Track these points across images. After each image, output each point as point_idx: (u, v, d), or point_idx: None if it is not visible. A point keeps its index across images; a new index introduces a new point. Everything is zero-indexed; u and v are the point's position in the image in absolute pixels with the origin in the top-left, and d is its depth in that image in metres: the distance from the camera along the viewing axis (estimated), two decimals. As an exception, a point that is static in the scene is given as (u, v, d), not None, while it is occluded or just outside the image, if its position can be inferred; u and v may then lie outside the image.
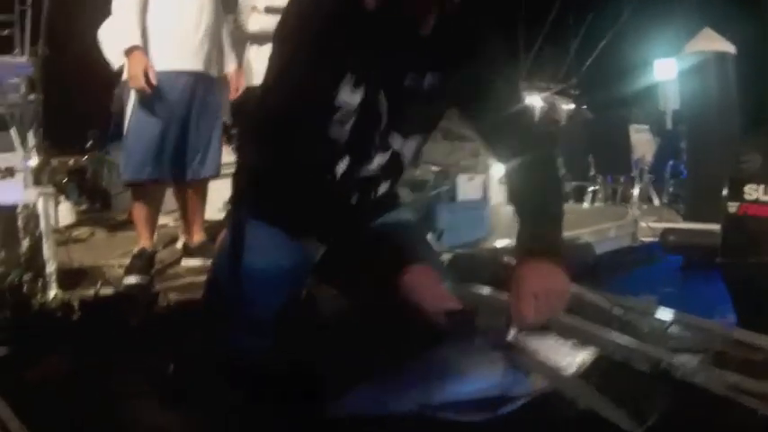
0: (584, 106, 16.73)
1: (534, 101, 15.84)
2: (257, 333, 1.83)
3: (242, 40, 4.97)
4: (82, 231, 6.84)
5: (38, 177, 9.26)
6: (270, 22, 4.84)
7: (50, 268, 3.44)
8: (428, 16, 1.76)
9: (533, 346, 1.61)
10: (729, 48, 7.92)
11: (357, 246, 1.81)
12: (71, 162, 20.97)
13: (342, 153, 1.88)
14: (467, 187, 4.92)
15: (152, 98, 3.96)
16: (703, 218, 6.35)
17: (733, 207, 4.57)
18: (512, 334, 1.61)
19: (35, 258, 3.41)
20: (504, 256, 3.58)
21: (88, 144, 18.60)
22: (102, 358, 2.04)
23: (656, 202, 9.23)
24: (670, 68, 11.94)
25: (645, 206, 8.74)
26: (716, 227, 4.85)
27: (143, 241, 4.16)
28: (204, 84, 4.21)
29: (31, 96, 11.70)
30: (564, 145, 10.40)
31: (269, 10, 4.96)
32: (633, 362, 1.84)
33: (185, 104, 4.11)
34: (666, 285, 6.54)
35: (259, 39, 4.97)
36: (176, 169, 4.17)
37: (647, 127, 11.23)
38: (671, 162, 9.72)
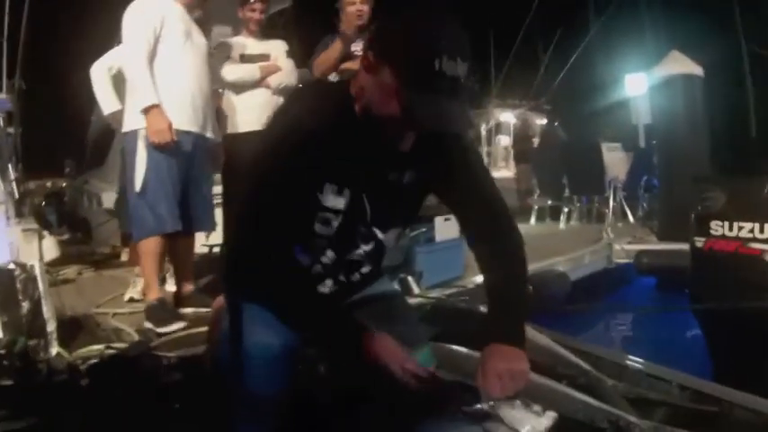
0: (556, 123, 16.87)
1: (507, 117, 16.01)
2: (259, 420, 1.94)
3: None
4: (69, 271, 6.85)
5: (19, 209, 9.32)
6: (245, 71, 5.14)
7: (51, 327, 3.48)
8: (408, 137, 1.89)
9: (502, 414, 1.76)
10: (697, 70, 8.05)
11: (332, 322, 1.90)
12: (48, 184, 21.00)
13: (328, 247, 1.99)
14: (444, 228, 4.98)
15: (169, 154, 4.07)
16: (676, 236, 6.42)
17: (699, 242, 4.68)
18: (483, 403, 1.79)
19: (36, 320, 3.45)
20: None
21: (66, 171, 18.66)
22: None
23: (631, 218, 9.32)
24: (641, 83, 12.08)
25: (620, 224, 8.89)
26: (688, 247, 4.94)
27: (154, 292, 4.21)
28: (203, 144, 4.34)
29: (10, 129, 11.75)
30: (540, 166, 10.56)
31: (243, 58, 5.21)
32: (596, 421, 2.09)
33: (191, 162, 4.23)
34: (642, 304, 6.75)
35: (234, 88, 5.19)
36: (185, 222, 4.24)
37: (619, 145, 11.35)
38: (645, 177, 9.84)
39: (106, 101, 5.19)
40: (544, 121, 17.08)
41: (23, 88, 11.58)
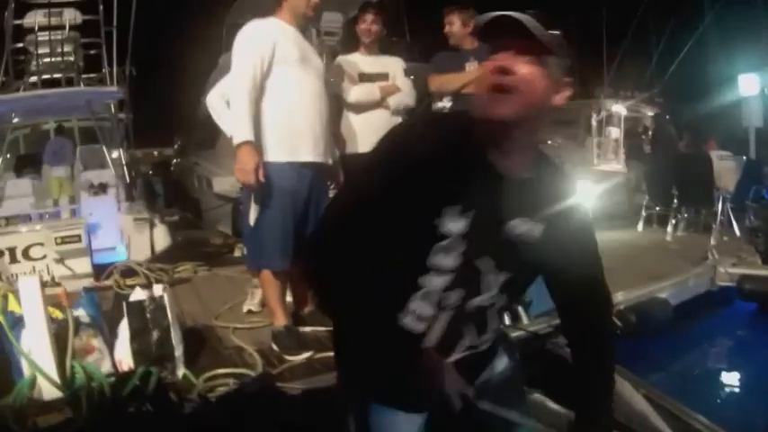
0: (667, 116, 16.63)
1: (618, 109, 15.83)
2: None
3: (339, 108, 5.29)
4: (185, 269, 7.12)
5: (129, 193, 9.87)
6: (366, 92, 5.30)
7: (178, 352, 3.81)
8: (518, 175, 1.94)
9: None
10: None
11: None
12: (155, 153, 21.71)
13: (452, 282, 1.95)
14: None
15: (282, 192, 4.16)
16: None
17: None
18: None
19: (165, 346, 3.76)
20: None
21: (175, 146, 19.31)
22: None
23: (737, 232, 9.28)
24: (753, 84, 11.90)
25: (725, 238, 8.83)
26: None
27: (280, 318, 4.37)
28: (322, 172, 4.43)
29: (121, 115, 12.37)
30: (651, 174, 10.56)
31: (363, 77, 5.37)
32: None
33: (309, 193, 4.29)
34: (741, 329, 6.79)
35: (354, 108, 5.34)
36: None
37: (729, 153, 11.16)
38: (754, 188, 9.75)
39: (226, 123, 5.27)
40: (656, 111, 16.76)
41: (134, 74, 12.19)
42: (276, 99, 4.18)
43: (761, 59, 13.97)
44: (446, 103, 5.60)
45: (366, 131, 5.23)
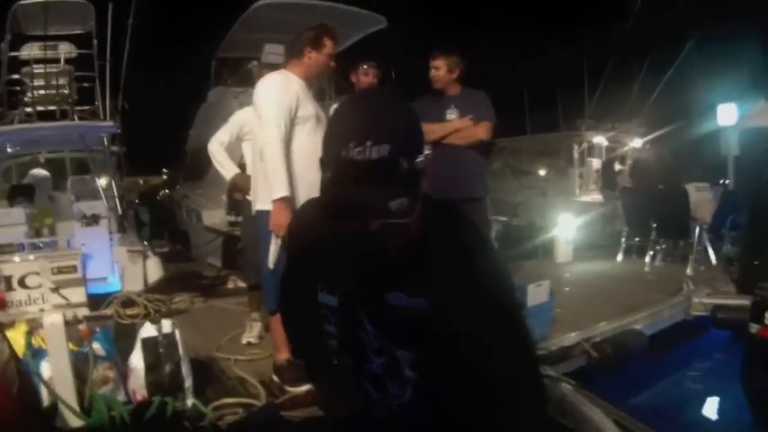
0: (648, 146, 16.91)
1: (599, 140, 16.16)
2: None
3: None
4: (182, 300, 7.30)
5: (121, 224, 10.09)
6: None
7: (188, 383, 4.07)
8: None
9: None
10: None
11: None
12: (141, 182, 21.87)
13: (339, 346, 2.15)
14: (535, 294, 5.42)
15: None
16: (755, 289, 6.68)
17: (754, 328, 5.00)
18: None
19: (176, 378, 4.03)
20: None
21: (163, 177, 19.55)
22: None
23: (714, 260, 9.56)
24: (731, 114, 12.20)
25: (702, 267, 9.15)
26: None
27: (285, 353, 4.51)
28: None
29: (114, 147, 12.61)
30: (630, 207, 10.88)
31: None
32: None
33: None
34: (717, 355, 7.04)
35: None
36: None
37: (707, 185, 11.45)
38: (731, 216, 10.00)
39: (226, 169, 5.72)
40: (639, 143, 16.99)
41: (126, 108, 12.48)
42: (299, 154, 4.35)
43: (740, 89, 14.31)
44: (426, 151, 5.86)
45: None
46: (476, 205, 6.03)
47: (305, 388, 4.25)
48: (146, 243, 9.41)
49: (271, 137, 4.24)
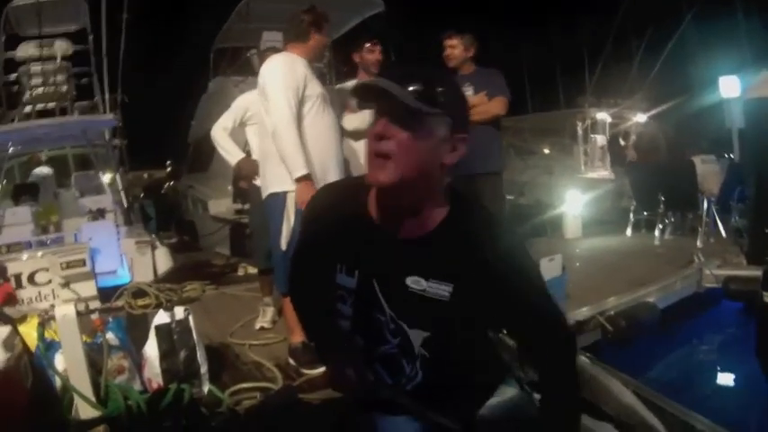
0: (652, 121, 16.85)
1: (602, 116, 16.09)
2: None
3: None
4: (192, 288, 7.32)
5: (127, 217, 10.09)
6: (362, 120, 5.29)
7: (204, 369, 4.08)
8: (411, 234, 2.00)
9: None
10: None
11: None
12: (145, 176, 21.86)
13: (354, 332, 2.19)
14: (548, 268, 5.42)
15: None
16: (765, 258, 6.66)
17: (767, 297, 4.95)
18: None
19: (191, 364, 4.03)
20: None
21: (167, 169, 19.50)
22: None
23: (723, 233, 9.52)
24: (734, 86, 12.15)
25: (711, 239, 9.14)
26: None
27: (298, 335, 4.52)
28: None
29: (116, 141, 12.60)
30: (637, 181, 10.83)
31: (361, 105, 5.60)
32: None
33: None
34: (729, 327, 7.03)
35: (353, 135, 5.45)
36: None
37: (713, 157, 11.41)
38: (738, 188, 9.97)
39: (231, 155, 5.61)
40: (644, 118, 16.86)
41: (126, 101, 12.46)
42: (308, 133, 4.36)
43: (741, 61, 14.26)
44: None
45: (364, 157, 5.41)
46: (491, 180, 6.12)
47: (321, 370, 4.24)
48: (153, 235, 9.36)
49: (282, 116, 4.24)
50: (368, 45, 5.67)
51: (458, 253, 1.96)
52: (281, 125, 4.24)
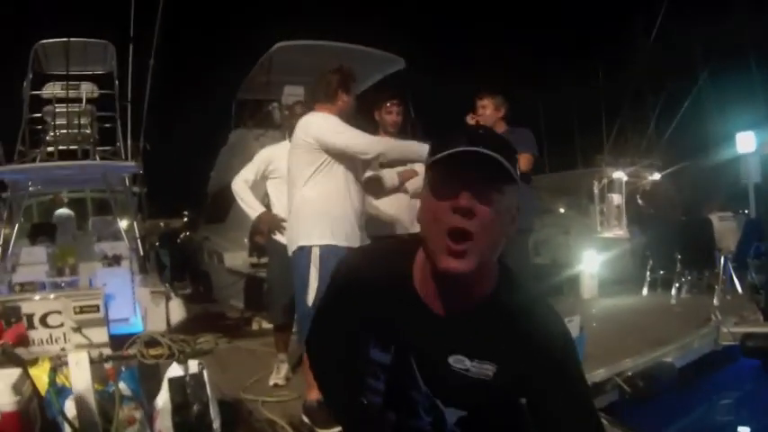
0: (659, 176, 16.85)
1: (619, 175, 16.08)
2: None
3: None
4: (205, 340, 7.26)
5: (143, 265, 10.05)
6: (385, 178, 5.34)
7: (216, 425, 4.03)
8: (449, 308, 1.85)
9: None
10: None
11: None
12: (162, 224, 21.94)
13: (385, 408, 2.03)
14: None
15: None
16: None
17: None
18: None
19: (203, 419, 3.98)
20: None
21: (184, 220, 19.59)
22: None
23: (740, 290, 9.48)
24: (750, 141, 12.18)
25: (728, 297, 9.09)
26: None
27: (315, 393, 4.36)
28: None
29: (135, 188, 12.64)
30: (654, 241, 10.83)
31: (383, 164, 5.34)
32: None
33: None
34: (748, 384, 6.96)
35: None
36: None
37: (731, 214, 11.39)
38: (755, 245, 9.96)
39: (251, 208, 5.56)
40: (657, 176, 16.80)
41: (147, 149, 12.51)
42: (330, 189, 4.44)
43: (757, 117, 14.30)
44: None
45: (387, 215, 5.47)
46: (521, 237, 6.13)
47: (336, 430, 4.14)
48: (167, 285, 9.35)
49: (362, 139, 4.43)
50: (387, 105, 5.64)
51: (503, 330, 1.81)
52: (374, 143, 4.49)
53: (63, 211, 13.29)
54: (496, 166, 1.65)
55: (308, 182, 4.40)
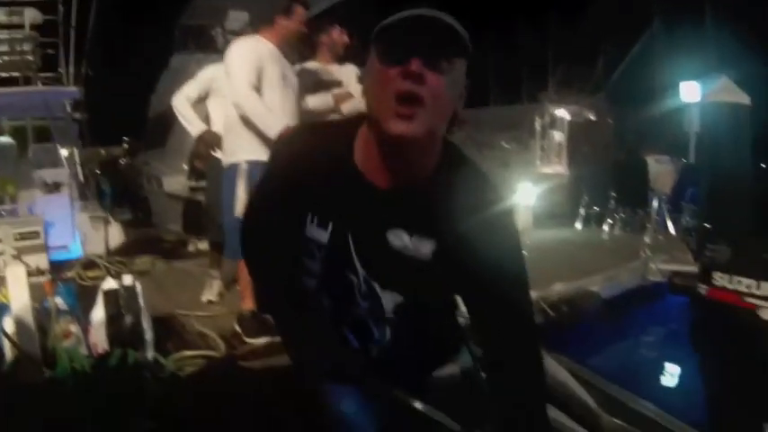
0: (609, 120, 17.05)
1: (561, 113, 16.24)
2: None
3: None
4: (143, 261, 7.37)
5: (82, 192, 10.00)
6: (320, 101, 5.37)
7: (148, 336, 4.07)
8: (391, 185, 1.79)
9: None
10: (745, 99, 8.51)
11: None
12: (102, 152, 21.64)
13: (321, 291, 1.98)
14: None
15: None
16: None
17: (703, 289, 5.10)
18: None
19: (136, 330, 4.04)
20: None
21: (124, 147, 19.33)
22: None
23: (672, 231, 9.73)
24: (695, 91, 12.41)
25: (660, 237, 9.32)
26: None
27: (249, 303, 4.58)
28: None
29: (77, 115, 12.48)
30: (590, 177, 11.05)
31: (319, 86, 5.43)
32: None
33: None
34: (673, 320, 7.19)
35: (311, 115, 5.33)
36: None
37: (667, 157, 11.62)
38: (690, 189, 10.19)
39: (192, 125, 5.57)
40: (591, 117, 16.98)
41: (90, 75, 12.35)
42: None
43: (705, 67, 14.51)
44: None
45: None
46: None
47: (264, 340, 4.33)
48: (107, 211, 9.33)
49: (244, 91, 4.34)
50: (326, 26, 5.57)
51: (446, 205, 1.75)
52: (245, 97, 4.36)
53: (3, 139, 13.08)
54: (449, 34, 1.63)
55: None
